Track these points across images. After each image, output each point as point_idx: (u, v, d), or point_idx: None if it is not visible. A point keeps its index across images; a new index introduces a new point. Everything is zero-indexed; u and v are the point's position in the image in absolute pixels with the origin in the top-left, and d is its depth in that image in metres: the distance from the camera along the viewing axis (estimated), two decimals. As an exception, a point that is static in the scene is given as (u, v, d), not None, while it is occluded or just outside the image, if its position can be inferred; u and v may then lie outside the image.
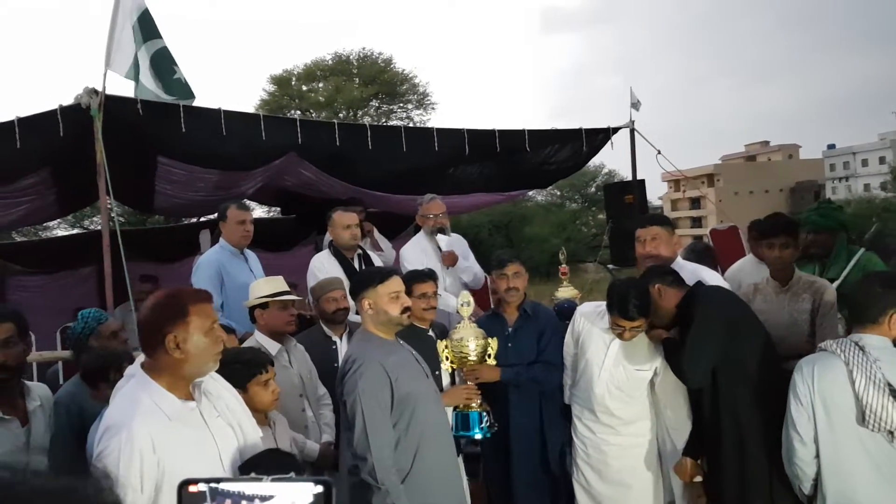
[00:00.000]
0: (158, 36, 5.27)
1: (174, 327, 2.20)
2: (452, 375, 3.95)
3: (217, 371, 2.44)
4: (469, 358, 3.82)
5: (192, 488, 1.32)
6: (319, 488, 1.30)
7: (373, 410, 2.91)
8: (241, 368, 2.96)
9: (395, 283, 3.15)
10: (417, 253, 5.30)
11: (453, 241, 5.47)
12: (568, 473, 3.93)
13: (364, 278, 3.28)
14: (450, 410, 3.65)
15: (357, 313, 3.44)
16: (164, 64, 5.31)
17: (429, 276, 4.00)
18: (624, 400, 3.71)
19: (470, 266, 5.40)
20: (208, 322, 2.27)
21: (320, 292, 4.29)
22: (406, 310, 3.15)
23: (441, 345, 3.84)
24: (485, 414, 3.73)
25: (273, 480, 1.32)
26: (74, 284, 8.74)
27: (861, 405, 2.66)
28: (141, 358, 2.33)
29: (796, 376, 2.84)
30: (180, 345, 2.20)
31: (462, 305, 3.96)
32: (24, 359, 3.03)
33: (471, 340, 3.83)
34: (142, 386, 2.23)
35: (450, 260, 5.26)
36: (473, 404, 3.75)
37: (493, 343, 3.89)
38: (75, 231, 18.86)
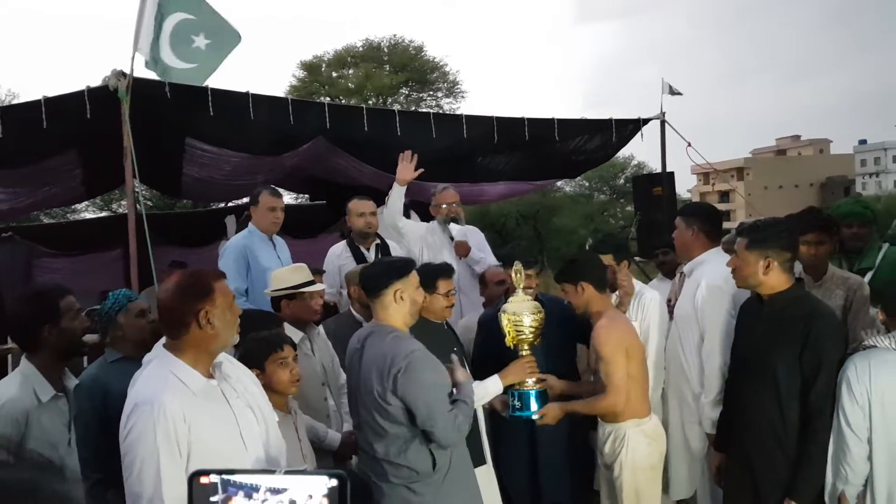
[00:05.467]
0: (181, 9, 5.08)
1: (203, 303, 2.27)
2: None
3: (235, 347, 2.50)
4: (524, 335, 3.37)
5: (203, 479, 1.29)
6: (334, 482, 1.26)
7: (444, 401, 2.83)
8: (259, 346, 2.90)
9: (417, 274, 3.05)
10: (417, 239, 5.23)
11: (468, 232, 5.36)
12: (592, 458, 3.83)
13: (389, 268, 2.99)
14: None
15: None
16: (183, 34, 5.08)
17: (449, 272, 3.77)
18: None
19: (484, 258, 5.21)
20: (230, 297, 2.37)
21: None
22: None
23: (504, 317, 3.42)
24: (543, 393, 3.44)
25: (286, 473, 1.27)
26: (100, 268, 8.79)
27: None
28: (159, 344, 2.35)
29: (849, 373, 2.72)
30: (210, 320, 2.26)
31: (515, 274, 3.46)
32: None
33: (526, 316, 3.35)
34: (166, 364, 2.27)
35: (462, 250, 5.15)
36: (531, 381, 3.42)
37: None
38: (103, 214, 19.02)
